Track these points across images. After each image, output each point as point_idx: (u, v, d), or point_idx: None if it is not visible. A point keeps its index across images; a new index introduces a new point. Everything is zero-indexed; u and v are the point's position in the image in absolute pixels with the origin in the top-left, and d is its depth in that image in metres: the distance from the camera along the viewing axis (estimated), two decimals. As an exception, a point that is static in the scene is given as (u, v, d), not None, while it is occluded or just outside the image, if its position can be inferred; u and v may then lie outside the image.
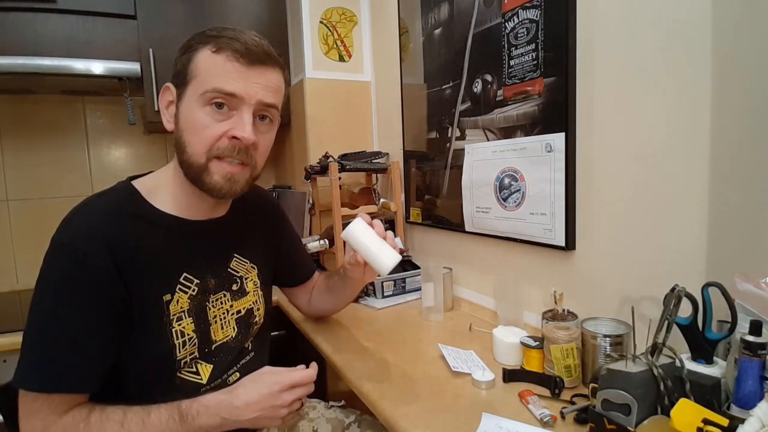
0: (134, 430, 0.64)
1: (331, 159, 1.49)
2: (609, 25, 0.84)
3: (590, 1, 0.86)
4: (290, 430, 0.89)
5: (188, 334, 0.73)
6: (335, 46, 1.72)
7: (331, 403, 0.98)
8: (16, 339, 1.13)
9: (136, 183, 0.75)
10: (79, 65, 1.43)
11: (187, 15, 1.61)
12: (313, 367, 0.75)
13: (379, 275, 0.81)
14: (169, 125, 0.73)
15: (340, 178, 1.46)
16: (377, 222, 0.83)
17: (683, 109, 0.73)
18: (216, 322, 0.77)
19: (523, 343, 0.85)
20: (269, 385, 0.70)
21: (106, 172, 1.84)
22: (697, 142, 0.71)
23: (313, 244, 1.44)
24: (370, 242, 0.78)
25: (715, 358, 0.65)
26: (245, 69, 0.68)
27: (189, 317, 0.73)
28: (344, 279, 0.94)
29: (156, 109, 1.52)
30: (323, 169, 1.48)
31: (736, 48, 0.66)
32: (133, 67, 1.50)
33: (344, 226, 1.45)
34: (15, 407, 0.65)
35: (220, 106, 0.68)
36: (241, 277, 0.84)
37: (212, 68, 0.67)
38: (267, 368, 0.74)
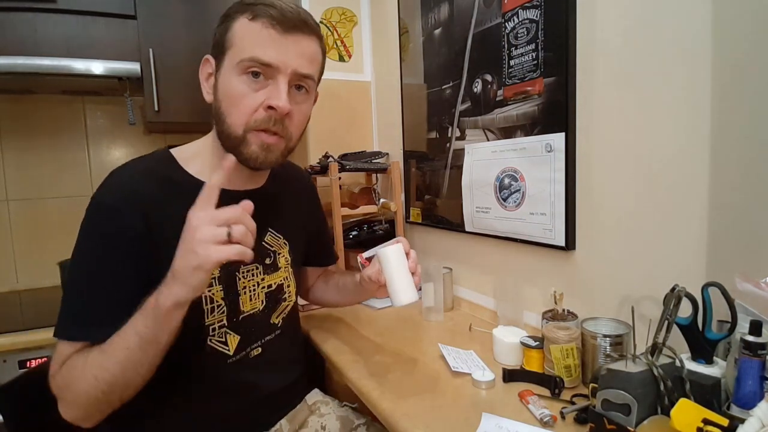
0: (107, 345, 0.62)
1: (331, 159, 1.48)
2: (609, 25, 0.84)
3: (590, 1, 0.86)
4: (300, 425, 0.88)
5: (217, 301, 0.74)
6: (335, 46, 1.72)
7: (345, 403, 0.97)
8: (16, 339, 1.13)
9: (174, 150, 0.78)
10: (79, 65, 1.42)
11: (187, 15, 1.60)
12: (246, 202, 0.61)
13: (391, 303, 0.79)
14: (208, 96, 0.75)
15: (340, 178, 1.46)
16: (413, 254, 0.82)
17: (684, 108, 0.73)
18: (245, 293, 0.79)
19: (523, 343, 0.85)
20: (187, 229, 0.59)
21: (106, 173, 1.80)
22: (698, 141, 0.71)
23: (313, 244, 1.44)
24: (399, 273, 0.79)
25: (715, 358, 0.65)
26: (281, 37, 0.69)
27: (219, 284, 0.75)
28: (357, 286, 0.93)
29: (156, 109, 1.52)
30: (323, 169, 1.47)
31: (737, 48, 0.66)
32: (133, 67, 1.50)
33: (345, 229, 1.47)
34: (15, 407, 0.65)
35: (256, 75, 0.69)
36: (274, 252, 0.85)
37: (248, 36, 0.68)
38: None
